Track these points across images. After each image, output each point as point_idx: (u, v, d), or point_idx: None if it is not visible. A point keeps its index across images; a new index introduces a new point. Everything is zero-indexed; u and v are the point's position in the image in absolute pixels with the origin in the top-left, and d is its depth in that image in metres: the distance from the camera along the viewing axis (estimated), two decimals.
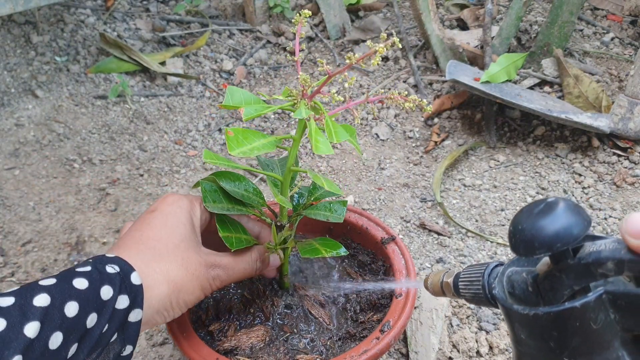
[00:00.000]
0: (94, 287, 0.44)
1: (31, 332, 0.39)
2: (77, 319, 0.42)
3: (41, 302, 0.40)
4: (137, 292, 0.47)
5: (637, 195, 1.00)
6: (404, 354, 0.75)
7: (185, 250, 0.53)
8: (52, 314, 0.41)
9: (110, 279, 0.46)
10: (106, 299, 0.44)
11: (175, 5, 1.65)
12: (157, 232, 0.52)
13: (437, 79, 1.32)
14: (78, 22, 1.58)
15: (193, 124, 1.29)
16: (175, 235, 0.53)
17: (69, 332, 0.41)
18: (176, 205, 0.55)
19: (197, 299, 0.54)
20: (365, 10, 1.60)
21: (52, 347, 0.40)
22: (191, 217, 0.55)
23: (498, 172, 1.09)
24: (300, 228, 0.76)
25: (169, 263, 0.51)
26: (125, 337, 0.47)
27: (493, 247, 0.92)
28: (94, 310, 0.43)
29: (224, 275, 0.56)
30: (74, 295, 0.43)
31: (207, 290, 0.55)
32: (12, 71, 1.42)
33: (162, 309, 0.50)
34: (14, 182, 1.12)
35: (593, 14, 1.50)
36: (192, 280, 0.52)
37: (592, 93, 1.17)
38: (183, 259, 0.52)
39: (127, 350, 0.48)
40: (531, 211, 0.35)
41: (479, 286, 0.43)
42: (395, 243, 0.69)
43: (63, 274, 0.45)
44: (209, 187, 0.57)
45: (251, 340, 0.60)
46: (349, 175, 1.11)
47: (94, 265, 0.46)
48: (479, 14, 1.47)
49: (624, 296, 0.32)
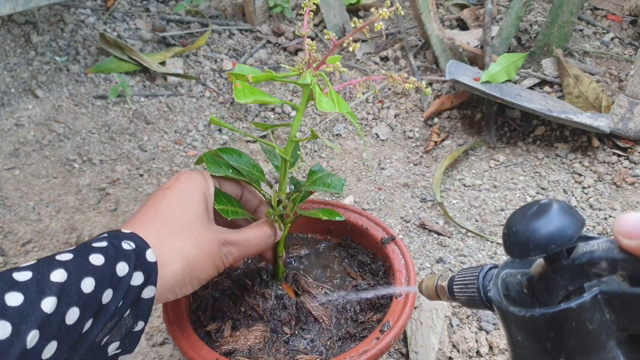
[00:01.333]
0: (110, 263, 0.44)
1: (48, 307, 0.39)
2: (93, 294, 0.42)
3: (58, 278, 0.41)
4: (152, 269, 0.47)
5: (637, 195, 1.00)
6: (404, 354, 0.75)
7: (199, 227, 0.53)
8: (68, 290, 0.41)
9: (126, 255, 0.46)
10: (122, 276, 0.45)
11: (175, 5, 1.65)
12: (171, 209, 0.53)
13: (437, 79, 1.32)
14: (78, 22, 1.58)
15: (193, 124, 1.29)
16: (190, 212, 0.53)
17: (85, 307, 0.42)
18: (189, 182, 0.55)
19: (209, 277, 0.54)
20: (365, 10, 1.60)
21: (69, 322, 0.40)
22: (205, 194, 0.56)
23: (498, 172, 1.09)
24: (300, 228, 0.76)
25: (183, 240, 0.51)
26: (137, 313, 0.47)
27: (493, 247, 0.92)
28: (109, 286, 0.44)
29: (237, 251, 0.56)
30: (91, 271, 0.43)
31: (220, 267, 0.55)
32: (12, 71, 1.42)
33: (175, 286, 0.51)
34: (14, 182, 1.12)
35: (593, 14, 1.50)
36: (206, 258, 0.53)
37: (592, 93, 1.17)
38: (197, 237, 0.52)
39: (138, 326, 0.48)
40: (525, 213, 0.35)
41: (474, 289, 0.43)
42: (395, 243, 0.69)
43: (79, 249, 0.45)
44: (211, 158, 0.59)
45: (249, 342, 0.60)
46: (349, 175, 1.11)
47: (110, 240, 0.47)
48: (479, 14, 1.47)
49: (618, 296, 0.32)
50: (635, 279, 0.32)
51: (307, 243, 0.75)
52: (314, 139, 0.55)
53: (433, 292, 0.49)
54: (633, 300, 0.31)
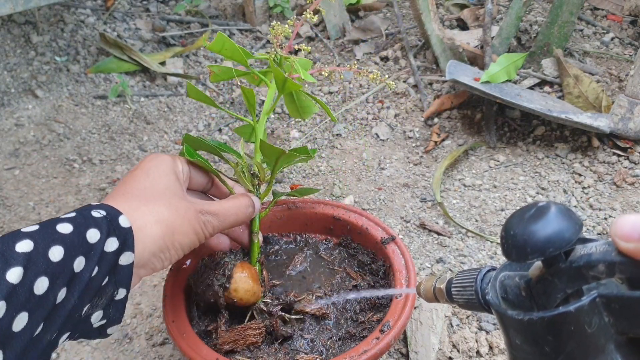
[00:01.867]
0: (79, 230, 0.43)
1: (14, 277, 0.38)
2: (62, 263, 0.41)
3: (24, 248, 0.40)
4: (127, 234, 0.46)
5: (637, 195, 1.00)
6: (404, 354, 0.75)
7: (171, 196, 0.52)
8: (35, 259, 0.40)
9: (96, 222, 0.45)
10: (93, 242, 0.44)
11: (175, 5, 1.65)
12: (140, 184, 0.52)
13: (437, 79, 1.32)
14: (78, 22, 1.58)
15: (193, 124, 1.29)
16: (160, 183, 0.53)
17: (55, 276, 0.40)
18: (157, 160, 0.55)
19: (192, 243, 0.53)
20: (365, 10, 1.60)
21: (38, 292, 0.39)
22: (174, 170, 0.56)
23: (498, 172, 1.09)
24: (301, 228, 0.76)
25: (157, 206, 0.50)
26: (117, 280, 0.46)
27: (493, 247, 0.92)
28: (80, 253, 0.42)
29: (216, 221, 0.55)
30: (58, 239, 0.42)
31: (201, 235, 0.54)
32: (12, 71, 1.42)
33: (158, 250, 0.50)
34: (14, 182, 1.12)
35: (593, 14, 1.50)
36: (185, 223, 0.52)
37: (592, 93, 1.17)
38: (171, 203, 0.52)
39: (120, 294, 0.47)
40: (522, 216, 0.35)
41: (472, 292, 0.43)
42: (395, 243, 0.69)
43: (46, 221, 0.44)
44: (188, 140, 0.61)
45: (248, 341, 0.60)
46: (349, 175, 1.11)
47: (79, 211, 0.46)
48: (479, 14, 1.47)
49: (617, 299, 0.32)
50: (634, 282, 0.32)
51: (307, 243, 0.75)
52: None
53: (431, 294, 0.49)
54: (632, 304, 0.31)
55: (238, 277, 0.60)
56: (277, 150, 0.57)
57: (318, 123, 1.26)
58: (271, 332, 0.62)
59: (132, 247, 0.46)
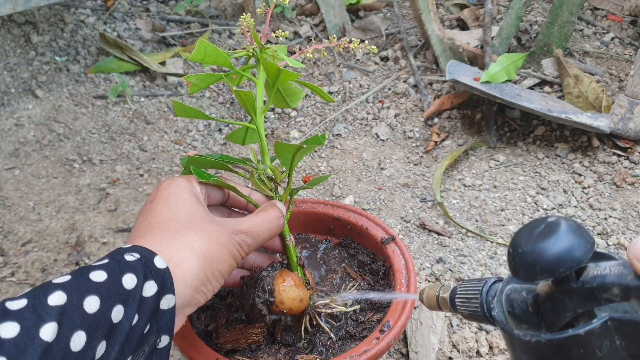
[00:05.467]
0: (114, 277, 0.40)
1: (48, 334, 0.35)
2: (99, 314, 0.38)
3: (57, 301, 0.36)
4: (165, 276, 0.43)
5: (637, 195, 1.00)
6: (404, 354, 0.75)
7: (200, 222, 0.49)
8: (70, 313, 0.36)
9: (131, 266, 0.41)
10: (130, 288, 0.40)
11: (175, 5, 1.65)
12: (164, 216, 0.49)
13: (437, 79, 1.32)
14: (78, 22, 1.58)
15: (193, 124, 1.29)
16: (184, 212, 0.49)
17: (93, 329, 0.37)
18: (172, 186, 0.52)
19: (230, 267, 0.50)
20: (365, 10, 1.60)
21: (75, 349, 0.36)
22: (193, 193, 0.52)
23: (498, 172, 1.09)
24: (301, 228, 0.76)
25: (189, 236, 0.47)
26: (159, 327, 0.43)
27: (493, 247, 0.92)
28: (118, 302, 0.39)
29: (250, 239, 0.52)
30: (93, 289, 0.38)
31: (237, 257, 0.51)
32: (12, 71, 1.42)
33: (200, 284, 0.46)
34: (14, 182, 1.12)
35: (593, 14, 1.50)
36: (220, 249, 0.48)
37: (592, 93, 1.17)
38: (202, 230, 0.48)
39: (163, 342, 0.43)
40: (531, 232, 0.33)
41: (477, 304, 0.41)
42: (395, 243, 0.69)
43: (78, 270, 0.40)
44: (193, 161, 0.58)
45: (249, 340, 0.60)
46: (349, 175, 1.11)
47: (111, 256, 0.42)
48: (479, 14, 1.47)
49: (630, 323, 0.31)
50: None
51: (307, 243, 0.75)
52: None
53: (434, 303, 0.47)
54: None
55: (281, 288, 0.57)
56: (294, 146, 0.54)
57: (318, 123, 1.26)
58: (272, 332, 0.62)
59: (172, 288, 0.43)
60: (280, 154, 0.57)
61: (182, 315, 0.46)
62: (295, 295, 0.57)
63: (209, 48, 0.54)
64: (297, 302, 0.57)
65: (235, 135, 0.67)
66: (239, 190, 0.58)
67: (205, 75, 0.59)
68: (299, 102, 0.67)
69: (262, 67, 0.58)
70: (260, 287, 0.57)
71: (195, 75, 0.58)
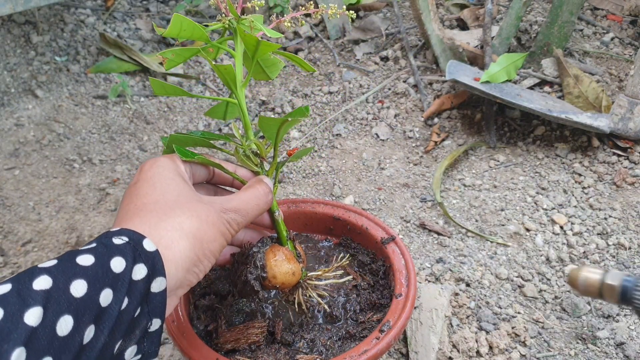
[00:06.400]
0: (102, 261, 0.39)
1: (33, 319, 0.34)
2: (87, 298, 0.37)
3: (42, 285, 0.36)
4: (155, 258, 0.42)
5: (637, 195, 1.00)
6: (404, 354, 0.75)
7: (187, 202, 0.48)
8: (56, 297, 0.36)
9: (119, 249, 0.41)
10: (119, 272, 0.40)
11: (175, 5, 1.65)
12: (150, 198, 0.48)
13: (437, 79, 1.32)
14: (78, 22, 1.58)
15: (193, 124, 1.29)
16: (170, 191, 0.48)
17: (80, 313, 0.36)
18: (156, 166, 0.51)
19: (221, 246, 0.49)
20: (365, 10, 1.60)
21: (62, 334, 0.35)
22: (177, 172, 0.51)
23: (498, 172, 1.09)
24: (301, 228, 0.76)
25: (177, 217, 0.46)
26: (150, 310, 0.42)
27: (493, 247, 0.92)
28: (106, 285, 0.39)
29: (239, 217, 0.51)
30: (80, 272, 0.38)
31: (227, 235, 0.50)
32: (12, 71, 1.42)
33: (191, 265, 0.46)
34: (14, 182, 1.12)
35: (593, 14, 1.50)
36: (210, 227, 0.47)
37: (592, 93, 1.17)
38: (190, 210, 0.47)
39: (154, 325, 0.43)
40: None
41: None
42: (395, 243, 0.69)
43: (65, 254, 0.40)
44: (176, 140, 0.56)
45: (249, 340, 0.60)
46: (349, 175, 1.11)
47: (98, 240, 0.42)
48: (479, 14, 1.47)
49: None
50: None
51: (307, 243, 0.75)
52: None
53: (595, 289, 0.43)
54: None
55: (272, 263, 0.57)
56: (278, 120, 0.53)
57: (318, 123, 1.26)
58: (272, 332, 0.62)
59: (163, 271, 0.42)
60: (265, 129, 0.56)
61: (174, 297, 0.46)
62: (287, 269, 0.57)
63: (185, 22, 0.52)
64: (290, 276, 0.57)
65: (215, 110, 0.65)
66: (224, 167, 0.57)
67: (181, 50, 0.57)
68: (277, 73, 0.65)
69: (239, 39, 0.56)
70: (251, 263, 0.57)
71: (171, 50, 0.56)
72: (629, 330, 0.77)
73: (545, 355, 0.75)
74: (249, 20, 0.56)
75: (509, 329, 0.78)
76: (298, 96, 1.34)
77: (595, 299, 0.43)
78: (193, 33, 0.54)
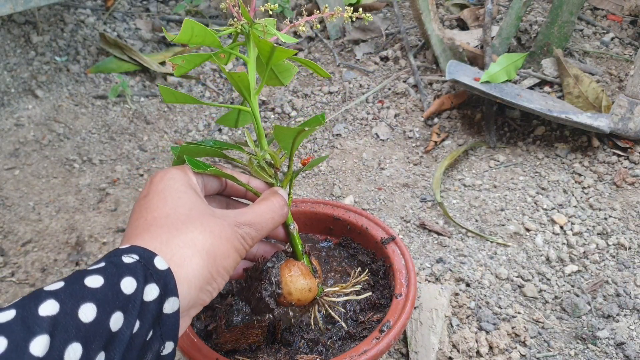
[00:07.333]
0: (111, 282, 0.37)
1: (39, 349, 0.32)
2: (96, 323, 0.35)
3: (48, 311, 0.34)
4: (167, 278, 0.40)
5: (637, 195, 1.00)
6: (404, 354, 0.75)
7: (200, 216, 0.45)
8: (63, 323, 0.34)
9: (130, 269, 0.39)
10: (129, 293, 0.37)
11: (175, 5, 1.65)
12: (161, 212, 0.45)
13: (437, 79, 1.32)
14: (78, 22, 1.58)
15: (193, 124, 1.29)
16: (181, 206, 0.46)
17: (89, 340, 0.34)
18: (167, 178, 0.48)
19: (235, 262, 0.47)
20: (366, 10, 1.60)
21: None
22: (189, 184, 0.49)
23: (498, 172, 1.09)
24: (301, 228, 0.76)
25: (190, 232, 0.44)
26: (162, 333, 0.40)
27: (493, 247, 0.92)
28: (116, 308, 0.36)
29: (254, 231, 0.49)
30: (88, 295, 0.36)
31: (242, 251, 0.48)
32: (12, 71, 1.42)
33: (205, 283, 0.43)
34: (14, 182, 1.12)
35: (593, 14, 1.50)
36: (223, 243, 0.45)
37: (592, 93, 1.17)
38: (203, 225, 0.45)
39: (167, 348, 0.41)
40: None
41: None
42: (395, 243, 0.69)
43: (72, 276, 0.37)
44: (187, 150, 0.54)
45: (250, 340, 0.60)
46: (349, 175, 1.11)
47: (107, 259, 0.40)
48: (479, 14, 1.47)
49: None
50: None
51: (307, 243, 0.75)
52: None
53: None
54: None
55: (288, 278, 0.54)
56: (294, 129, 0.50)
57: None
58: (272, 332, 0.62)
59: (175, 290, 0.40)
60: (281, 138, 0.53)
61: (187, 317, 0.44)
62: (303, 285, 0.54)
63: (196, 27, 0.49)
64: (306, 292, 0.55)
65: (226, 118, 0.63)
66: (238, 179, 0.55)
67: (192, 56, 0.55)
68: (291, 78, 0.63)
69: (252, 44, 0.54)
70: (266, 279, 0.55)
71: (181, 56, 0.54)
72: (629, 330, 0.77)
73: (545, 355, 0.75)
74: (262, 25, 0.54)
75: (509, 329, 0.78)
76: (298, 96, 1.34)
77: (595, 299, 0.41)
78: (205, 39, 0.52)
